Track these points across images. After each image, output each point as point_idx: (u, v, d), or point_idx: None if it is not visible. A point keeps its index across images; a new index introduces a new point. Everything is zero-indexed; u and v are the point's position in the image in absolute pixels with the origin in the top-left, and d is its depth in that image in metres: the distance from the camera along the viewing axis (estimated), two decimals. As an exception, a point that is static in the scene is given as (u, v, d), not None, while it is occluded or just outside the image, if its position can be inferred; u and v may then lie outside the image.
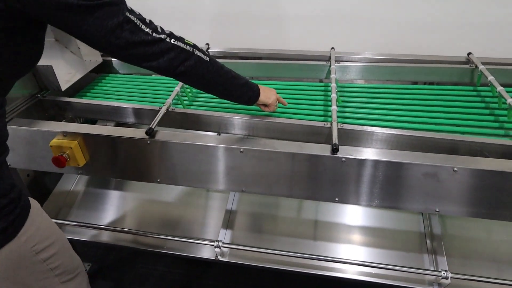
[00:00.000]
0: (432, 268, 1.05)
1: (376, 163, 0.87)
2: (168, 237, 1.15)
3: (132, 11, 0.68)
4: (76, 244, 1.47)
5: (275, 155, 0.91)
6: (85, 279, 0.95)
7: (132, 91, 1.33)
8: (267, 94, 0.99)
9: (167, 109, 1.09)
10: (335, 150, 0.87)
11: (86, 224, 1.21)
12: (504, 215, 0.89)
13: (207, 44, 1.49)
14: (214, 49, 1.49)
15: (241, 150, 0.92)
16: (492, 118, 1.09)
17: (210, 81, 0.83)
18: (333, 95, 1.09)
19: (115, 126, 1.43)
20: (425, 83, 1.39)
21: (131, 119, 1.22)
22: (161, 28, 0.73)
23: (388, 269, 1.02)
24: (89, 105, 1.20)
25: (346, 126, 1.00)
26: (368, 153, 0.88)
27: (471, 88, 1.25)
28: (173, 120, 1.15)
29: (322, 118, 1.10)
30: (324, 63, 1.33)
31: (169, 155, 0.98)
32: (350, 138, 1.02)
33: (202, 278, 1.59)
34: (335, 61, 1.33)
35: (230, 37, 1.64)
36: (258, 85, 0.97)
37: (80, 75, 1.30)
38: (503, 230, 1.12)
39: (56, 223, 1.20)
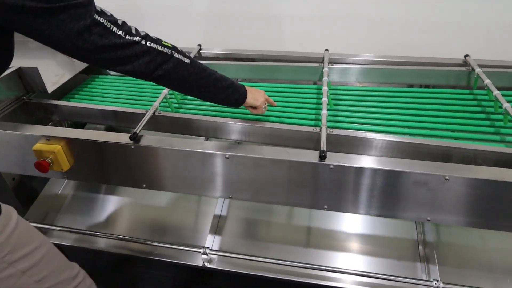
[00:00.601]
0: (424, 277, 1.02)
1: (365, 170, 0.84)
2: (156, 243, 1.12)
3: (101, 13, 0.64)
4: (64, 248, 1.45)
5: (262, 161, 0.88)
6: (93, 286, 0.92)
7: (123, 93, 1.30)
8: (255, 96, 0.95)
9: (154, 113, 1.07)
10: (322, 157, 0.84)
11: (73, 230, 1.19)
12: (497, 225, 0.86)
13: (199, 45, 1.47)
14: (206, 51, 1.46)
15: (227, 156, 0.89)
16: (487, 123, 1.06)
17: (191, 84, 0.79)
18: (324, 99, 1.06)
19: (104, 130, 1.40)
20: (421, 86, 1.36)
21: (120, 123, 1.19)
22: (136, 29, 0.69)
23: (378, 278, 0.99)
24: (76, 108, 1.18)
25: (336, 132, 0.97)
26: (357, 160, 0.85)
27: (467, 91, 1.22)
28: (161, 124, 1.12)
29: (313, 122, 1.08)
30: (317, 65, 1.30)
31: (154, 160, 0.96)
32: (341, 143, 0.99)
33: (193, 282, 1.57)
34: (329, 63, 1.30)
35: (223, 38, 1.61)
36: (246, 86, 0.93)
37: (68, 76, 1.28)
38: (498, 238, 1.10)
39: (42, 228, 1.20)
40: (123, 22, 0.68)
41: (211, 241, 1.13)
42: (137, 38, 0.68)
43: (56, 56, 1.40)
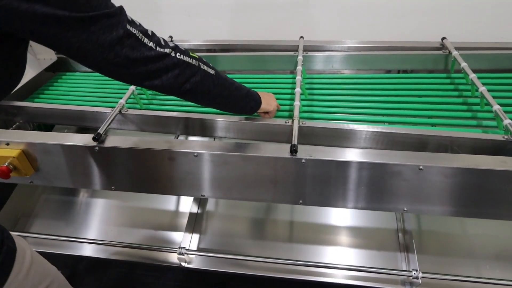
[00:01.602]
0: (404, 267, 1.00)
1: (337, 163, 0.81)
2: (132, 245, 1.09)
3: (132, 22, 0.58)
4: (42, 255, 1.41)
5: (231, 158, 0.85)
6: None
7: (92, 91, 1.25)
8: (268, 101, 0.92)
9: (120, 111, 1.02)
10: (293, 151, 0.81)
11: (47, 237, 1.14)
12: (473, 213, 0.84)
13: (170, 36, 1.41)
14: (178, 42, 1.41)
15: (195, 154, 0.86)
16: (465, 107, 1.04)
17: (215, 96, 0.75)
18: (297, 89, 1.03)
19: (76, 130, 1.35)
20: (399, 71, 1.33)
21: (88, 123, 1.14)
22: (164, 40, 0.64)
23: (356, 271, 0.98)
24: (40, 109, 1.12)
25: (309, 124, 0.94)
26: (329, 153, 0.82)
27: (445, 75, 1.19)
28: (132, 122, 1.08)
29: (288, 114, 1.04)
30: (292, 53, 1.26)
31: (120, 161, 0.91)
32: (317, 135, 0.96)
33: (176, 281, 1.54)
34: (303, 51, 1.26)
35: (197, 28, 1.55)
36: (258, 92, 0.89)
37: (31, 75, 1.22)
38: (478, 224, 1.09)
39: (14, 234, 1.16)
40: (152, 32, 0.62)
41: (188, 240, 1.09)
42: (167, 50, 0.63)
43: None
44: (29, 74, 1.22)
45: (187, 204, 1.21)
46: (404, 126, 0.97)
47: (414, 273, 0.93)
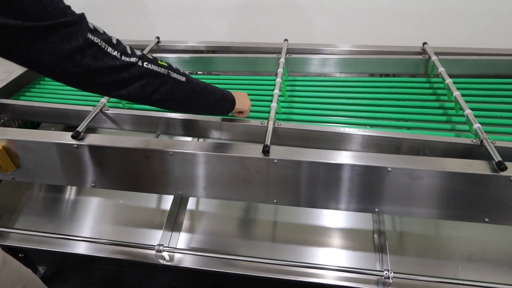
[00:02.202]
0: (378, 267, 1.02)
1: (308, 164, 0.83)
2: (111, 241, 1.11)
3: (95, 31, 0.55)
4: (27, 250, 1.43)
5: (206, 157, 0.87)
6: None
7: (78, 90, 1.26)
8: (242, 100, 0.92)
9: (101, 110, 1.04)
10: (265, 151, 0.83)
11: (30, 233, 1.16)
12: (441, 215, 0.86)
13: (158, 37, 1.43)
14: (165, 43, 1.43)
15: (171, 153, 0.87)
16: (440, 111, 1.06)
17: (187, 103, 0.75)
18: (275, 91, 1.05)
19: (63, 129, 1.36)
20: (381, 75, 1.35)
21: (73, 121, 1.15)
22: (130, 48, 0.62)
23: (332, 270, 1.00)
24: (24, 107, 1.14)
25: (284, 125, 0.95)
26: (301, 154, 0.84)
27: (424, 80, 1.21)
28: (113, 121, 1.09)
29: (267, 115, 1.06)
30: (275, 55, 1.28)
31: (99, 159, 0.93)
32: (291, 136, 0.98)
33: (161, 278, 1.56)
34: (286, 53, 1.28)
35: (183, 30, 1.57)
36: (231, 92, 0.89)
37: (17, 73, 1.24)
38: (451, 226, 1.10)
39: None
40: (118, 41, 0.60)
41: (168, 238, 1.11)
42: (133, 59, 0.61)
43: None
44: (15, 72, 1.23)
45: (168, 202, 1.22)
46: (381, 129, 0.98)
47: (386, 273, 0.95)
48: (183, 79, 0.71)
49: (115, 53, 0.58)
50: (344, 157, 0.83)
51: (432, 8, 1.43)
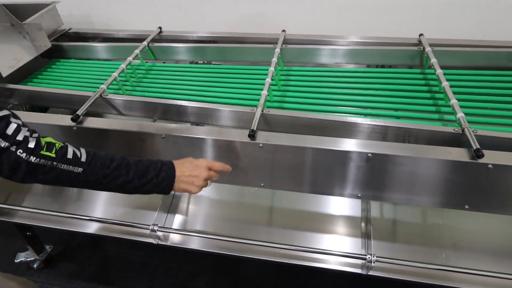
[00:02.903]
0: (363, 252, 1.05)
1: (292, 149, 0.86)
2: (108, 220, 1.16)
3: None
4: (35, 228, 1.51)
5: (195, 141, 0.91)
6: None
7: (83, 76, 1.32)
8: (185, 187, 0.82)
9: (100, 95, 1.09)
10: (251, 136, 0.86)
11: (41, 212, 1.22)
12: (423, 201, 0.89)
13: (160, 27, 1.47)
14: (167, 34, 1.47)
15: (163, 136, 0.92)
16: (431, 102, 1.07)
17: (86, 188, 0.75)
18: (267, 80, 1.08)
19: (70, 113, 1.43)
20: (377, 66, 1.37)
21: (77, 106, 1.20)
22: (16, 129, 0.63)
23: (316, 253, 1.03)
24: (30, 92, 1.21)
25: (272, 112, 0.99)
26: (286, 139, 0.87)
27: (419, 71, 1.22)
28: (112, 106, 1.14)
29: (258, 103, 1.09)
30: (272, 46, 1.31)
31: (96, 141, 0.99)
32: (279, 123, 1.01)
33: (162, 260, 1.63)
34: (283, 44, 1.31)
35: (186, 21, 1.61)
36: (179, 172, 0.82)
37: (25, 60, 1.30)
38: (438, 214, 1.12)
39: (5, 208, 1.25)
40: (1, 117, 0.62)
41: (163, 219, 1.16)
42: (5, 144, 0.61)
43: (19, 41, 1.42)
44: (23, 59, 1.30)
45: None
46: (369, 117, 1.01)
47: (369, 257, 0.98)
48: (78, 170, 0.70)
49: None
50: (327, 143, 0.86)
51: (432, 1, 1.43)
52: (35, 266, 1.59)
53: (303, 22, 1.51)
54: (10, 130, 0.62)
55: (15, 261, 1.58)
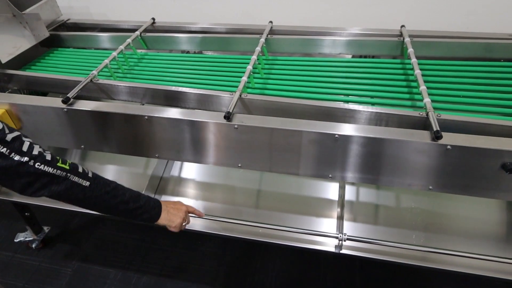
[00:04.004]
0: (337, 232, 1.10)
1: (264, 130, 0.92)
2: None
3: None
4: (34, 210, 1.59)
5: (175, 122, 0.97)
6: None
7: (79, 64, 1.39)
8: (171, 218, 0.95)
9: (91, 80, 1.15)
10: (226, 117, 0.92)
11: None
12: (389, 181, 0.93)
13: (153, 18, 1.53)
14: (160, 24, 1.53)
15: (146, 117, 0.98)
16: (406, 90, 1.12)
17: (87, 204, 0.80)
18: (248, 67, 1.13)
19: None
20: (360, 56, 1.41)
21: (69, 91, 1.28)
22: (30, 146, 0.68)
23: (292, 232, 1.09)
24: (27, 77, 1.28)
25: (249, 96, 1.04)
26: (259, 121, 0.93)
27: (399, 61, 1.26)
28: (102, 91, 1.21)
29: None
30: (257, 36, 1.36)
31: (85, 123, 1.05)
32: (257, 107, 1.06)
33: (154, 243, 1.70)
34: (269, 34, 1.36)
35: (179, 11, 1.67)
36: (166, 205, 0.94)
37: (24, 48, 1.37)
38: (411, 198, 1.17)
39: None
40: (14, 138, 0.65)
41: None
42: (24, 158, 0.65)
43: (19, 30, 1.49)
44: (23, 47, 1.37)
45: (154, 167, 1.34)
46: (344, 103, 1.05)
47: (340, 236, 1.03)
48: (86, 183, 0.77)
49: (3, 149, 0.63)
50: (298, 125, 0.91)
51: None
52: (33, 246, 1.67)
53: (291, 14, 1.56)
54: (25, 147, 0.67)
55: (15, 240, 1.66)
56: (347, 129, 0.88)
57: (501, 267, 1.04)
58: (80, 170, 0.77)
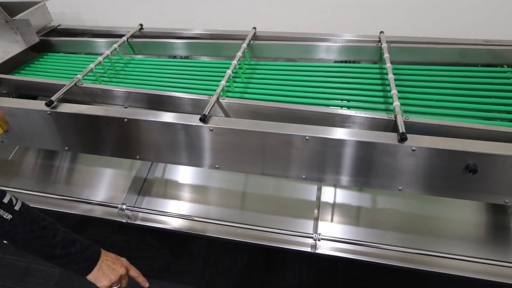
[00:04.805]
0: (312, 232, 1.13)
1: (239, 132, 0.95)
2: (81, 199, 1.26)
3: None
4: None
5: (153, 124, 1.00)
6: None
7: (67, 68, 1.43)
8: (99, 276, 0.83)
9: (75, 84, 1.19)
10: (202, 119, 0.95)
11: (30, 192, 1.33)
12: (359, 182, 0.96)
13: (141, 24, 1.57)
14: (148, 30, 1.57)
15: (125, 120, 1.01)
16: (380, 94, 1.15)
17: (8, 240, 0.76)
18: (228, 72, 1.16)
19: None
20: (342, 61, 1.44)
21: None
22: None
23: (268, 232, 1.11)
24: (17, 81, 1.31)
25: (227, 100, 1.07)
26: (233, 123, 0.96)
27: (377, 66, 1.30)
28: (86, 94, 1.24)
29: (221, 93, 1.18)
30: (240, 41, 1.40)
31: (69, 125, 1.09)
32: (235, 110, 1.09)
33: (141, 244, 1.72)
34: (251, 40, 1.39)
35: (167, 17, 1.71)
36: (101, 260, 0.85)
37: (14, 53, 1.41)
38: (388, 200, 1.20)
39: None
40: None
41: (133, 200, 1.26)
42: None
43: (11, 36, 1.54)
44: (13, 52, 1.41)
45: (138, 169, 1.37)
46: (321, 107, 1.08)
47: (315, 236, 1.06)
48: (8, 217, 0.72)
49: None
50: (270, 127, 0.94)
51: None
52: (23, 246, 1.69)
53: (275, 21, 1.60)
54: None
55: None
56: (317, 131, 0.91)
57: (480, 268, 1.06)
58: (6, 200, 0.72)
